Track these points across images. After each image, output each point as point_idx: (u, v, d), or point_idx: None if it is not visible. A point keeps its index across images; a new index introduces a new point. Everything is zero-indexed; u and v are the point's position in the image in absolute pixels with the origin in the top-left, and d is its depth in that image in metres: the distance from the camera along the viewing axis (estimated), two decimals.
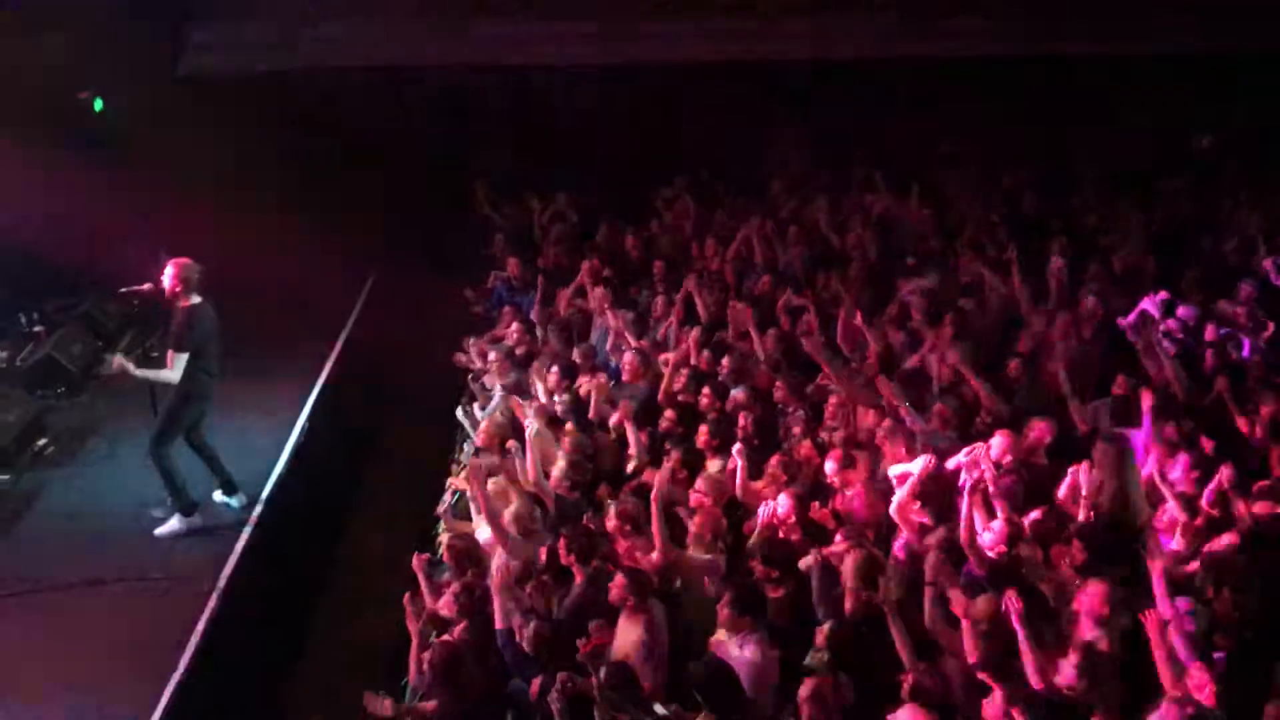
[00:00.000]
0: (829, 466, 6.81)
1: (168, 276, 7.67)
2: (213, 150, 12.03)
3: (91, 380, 10.18)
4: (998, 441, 6.75)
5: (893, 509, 6.37)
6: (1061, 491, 6.59)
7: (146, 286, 8.14)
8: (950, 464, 6.70)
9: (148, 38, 11.24)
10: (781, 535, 6.26)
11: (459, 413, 8.71)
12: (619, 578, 5.70)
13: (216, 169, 12.08)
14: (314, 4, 12.18)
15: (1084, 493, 6.34)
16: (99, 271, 10.58)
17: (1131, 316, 8.70)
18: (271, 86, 12.50)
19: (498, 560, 6.34)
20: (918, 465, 6.47)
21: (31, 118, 11.07)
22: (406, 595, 6.33)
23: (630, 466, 7.35)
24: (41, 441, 9.19)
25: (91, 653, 6.76)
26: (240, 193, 11.88)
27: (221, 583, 7.47)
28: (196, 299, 7.71)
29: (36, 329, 10.44)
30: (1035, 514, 6.20)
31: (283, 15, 12.24)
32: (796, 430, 7.48)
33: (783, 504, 6.38)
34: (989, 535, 5.99)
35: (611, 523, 6.50)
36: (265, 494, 8.52)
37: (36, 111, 11.12)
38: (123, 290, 8.68)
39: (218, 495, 8.35)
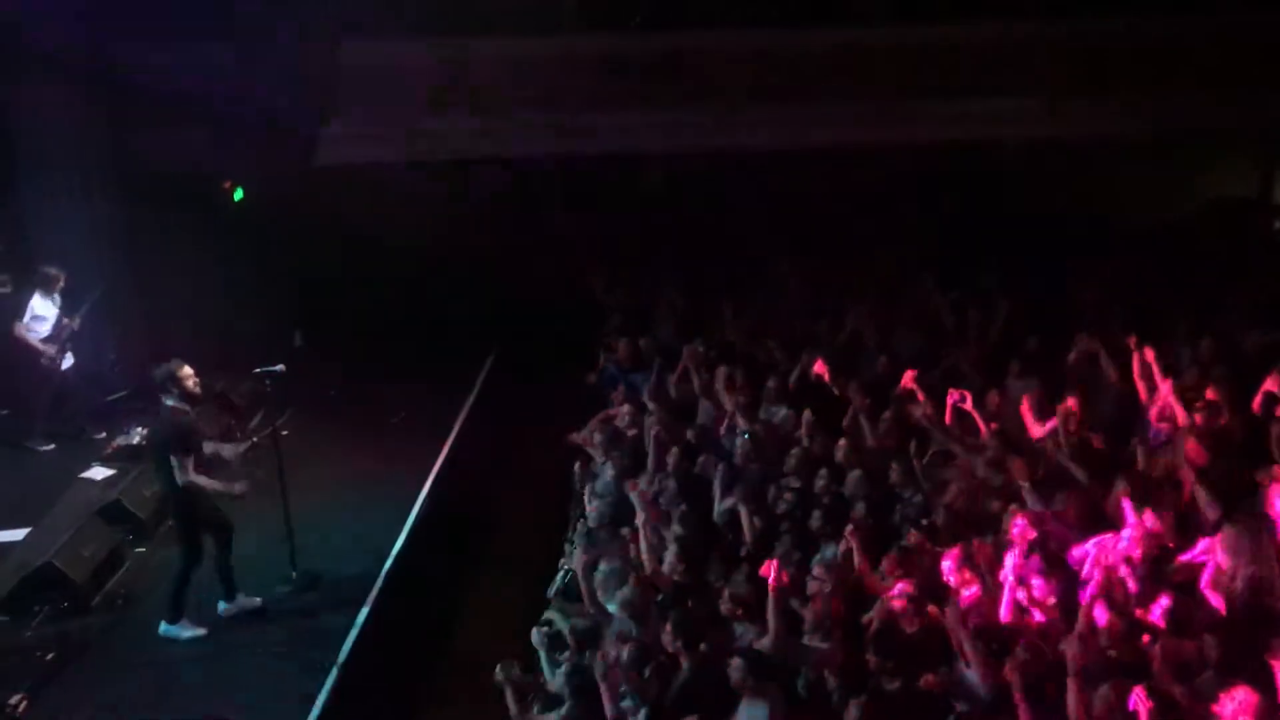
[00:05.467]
0: (945, 565, 6.63)
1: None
2: (343, 237, 12.57)
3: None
4: (1127, 534, 6.53)
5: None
6: (1204, 578, 6.31)
7: (279, 367, 8.52)
8: (1075, 554, 6.52)
9: (286, 132, 11.84)
10: (901, 625, 6.14)
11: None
12: (735, 660, 5.65)
13: (347, 255, 12.62)
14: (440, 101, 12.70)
15: (1220, 580, 6.09)
16: (234, 352, 11.08)
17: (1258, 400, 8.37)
18: (400, 175, 13.04)
19: (606, 646, 6.36)
20: None
21: (177, 205, 11.79)
22: (499, 669, 6.33)
23: (744, 550, 7.31)
24: None
25: None
26: (369, 276, 12.38)
27: (342, 656, 7.63)
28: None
29: None
30: (1164, 603, 5.97)
31: (413, 107, 12.78)
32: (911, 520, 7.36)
33: (900, 596, 6.27)
34: (1105, 631, 5.79)
35: (725, 606, 6.46)
36: (384, 570, 8.69)
37: (182, 199, 11.84)
38: (256, 370, 9.05)
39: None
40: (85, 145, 11.37)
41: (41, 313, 10.60)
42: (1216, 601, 6.12)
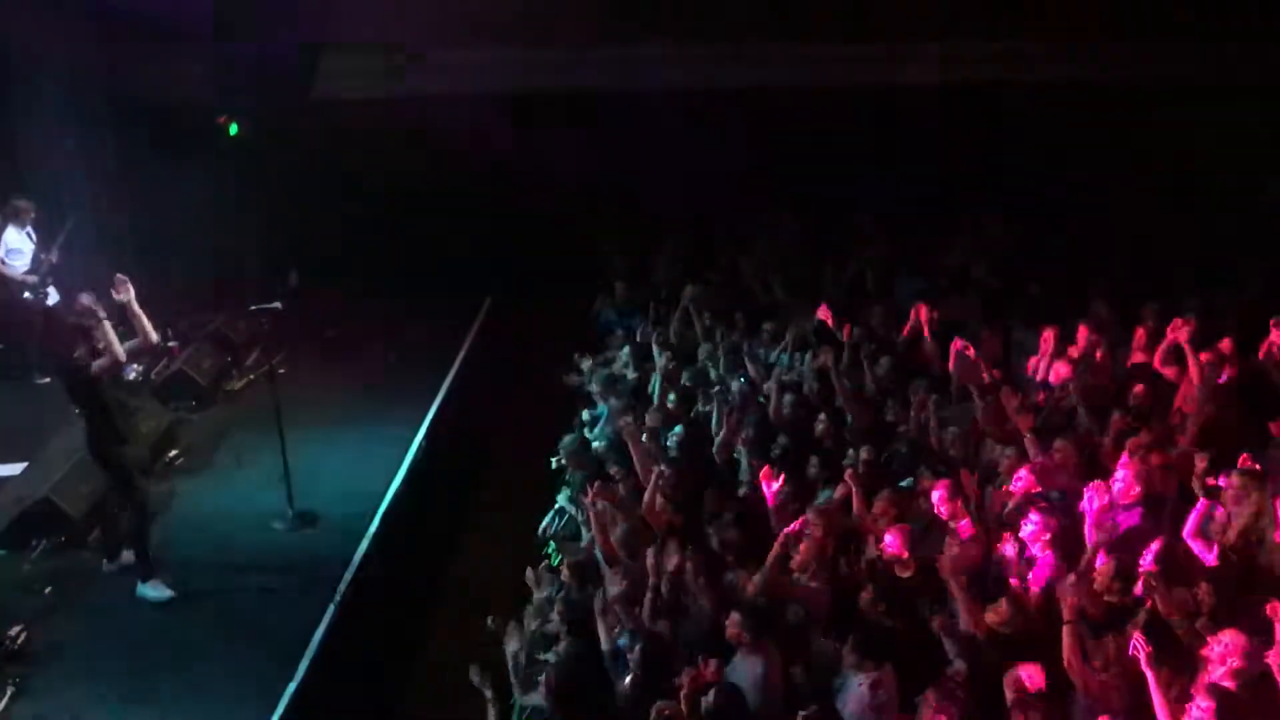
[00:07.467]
0: (935, 495, 6.63)
1: None
2: (341, 173, 12.43)
3: (221, 395, 10.60)
4: (1123, 475, 6.53)
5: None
6: (1188, 526, 6.33)
7: (275, 305, 8.46)
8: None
9: (281, 66, 11.65)
10: (894, 569, 6.15)
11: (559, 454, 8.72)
12: (734, 614, 5.62)
13: (344, 191, 12.48)
14: (437, 34, 12.49)
15: (1213, 529, 6.09)
16: (230, 289, 11.02)
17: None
18: (399, 110, 12.86)
19: (606, 581, 6.38)
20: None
21: (171, 140, 11.65)
22: (491, 619, 6.37)
23: (740, 492, 7.31)
24: (173, 452, 9.53)
25: (219, 656, 7.02)
26: (366, 214, 12.26)
27: (339, 595, 7.66)
28: None
29: (170, 344, 10.85)
30: (1154, 547, 5.96)
31: (412, 40, 12.57)
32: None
33: (892, 540, 6.28)
34: (1100, 576, 5.79)
35: (715, 548, 6.46)
36: (382, 509, 8.71)
37: (176, 134, 11.69)
38: (252, 308, 8.99)
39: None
40: (77, 78, 11.17)
41: (16, 245, 10.37)
42: (1201, 551, 6.12)
